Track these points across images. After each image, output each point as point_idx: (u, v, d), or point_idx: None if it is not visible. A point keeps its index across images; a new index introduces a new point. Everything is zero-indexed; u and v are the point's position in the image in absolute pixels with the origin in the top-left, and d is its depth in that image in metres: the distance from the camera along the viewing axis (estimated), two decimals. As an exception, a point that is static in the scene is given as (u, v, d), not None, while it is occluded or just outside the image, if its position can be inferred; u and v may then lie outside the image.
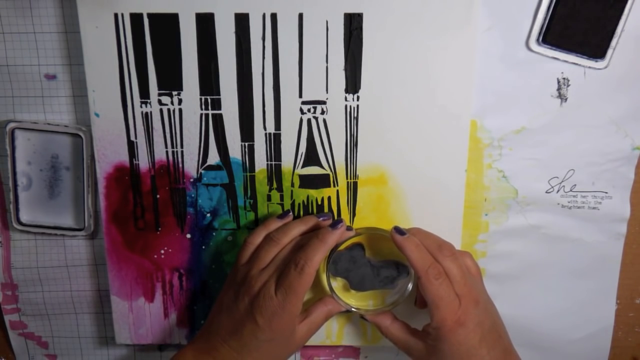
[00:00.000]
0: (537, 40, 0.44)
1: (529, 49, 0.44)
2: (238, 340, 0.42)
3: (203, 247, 0.49)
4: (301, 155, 0.47)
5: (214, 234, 0.49)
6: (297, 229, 0.45)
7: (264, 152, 0.47)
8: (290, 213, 0.47)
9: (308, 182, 0.48)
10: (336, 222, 0.44)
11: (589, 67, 0.45)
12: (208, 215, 0.48)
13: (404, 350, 0.44)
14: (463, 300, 0.41)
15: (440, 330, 0.41)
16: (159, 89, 0.45)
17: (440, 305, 0.40)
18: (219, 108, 0.46)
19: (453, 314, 0.40)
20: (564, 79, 0.45)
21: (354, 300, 0.47)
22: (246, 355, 0.42)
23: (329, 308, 0.45)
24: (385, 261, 0.47)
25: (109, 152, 0.47)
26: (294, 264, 0.41)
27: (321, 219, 0.46)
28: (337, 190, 0.48)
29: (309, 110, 0.46)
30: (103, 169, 0.47)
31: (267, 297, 0.41)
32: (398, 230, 0.43)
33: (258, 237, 0.45)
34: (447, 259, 0.42)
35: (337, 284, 0.47)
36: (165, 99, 0.46)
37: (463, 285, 0.41)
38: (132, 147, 0.47)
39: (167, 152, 0.47)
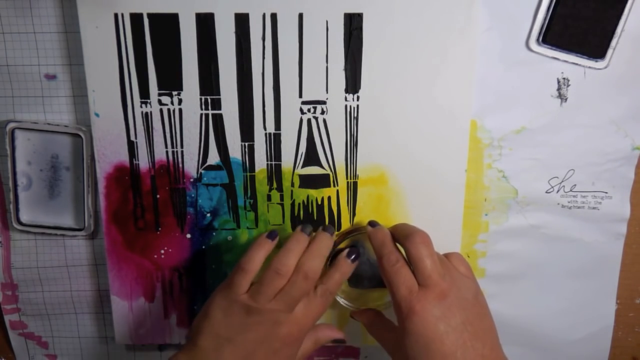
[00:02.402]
0: (537, 40, 0.44)
1: (529, 49, 0.44)
2: None
3: (203, 247, 0.49)
4: (301, 155, 0.47)
5: (214, 234, 0.49)
6: (297, 254, 0.43)
7: (264, 152, 0.47)
8: (276, 232, 0.44)
9: (308, 182, 0.48)
10: (328, 228, 0.44)
11: (589, 67, 0.45)
12: (208, 215, 0.48)
13: (383, 346, 0.44)
14: (422, 289, 0.39)
15: (399, 320, 0.40)
16: (159, 89, 0.45)
17: (393, 290, 0.40)
18: (219, 108, 0.46)
19: (406, 301, 0.39)
20: (564, 79, 0.45)
21: (353, 299, 0.47)
22: None
23: (318, 336, 0.46)
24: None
25: (109, 152, 0.47)
26: (314, 291, 0.42)
27: (307, 231, 0.44)
28: (337, 190, 0.48)
29: (309, 110, 0.46)
30: (103, 169, 0.47)
31: (286, 321, 0.41)
32: (371, 223, 0.45)
33: (254, 263, 0.42)
34: (416, 246, 0.40)
35: None
36: (165, 99, 0.46)
37: (427, 275, 0.39)
38: (132, 147, 0.47)
39: (167, 152, 0.47)
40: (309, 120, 0.46)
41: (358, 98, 0.45)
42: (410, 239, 0.41)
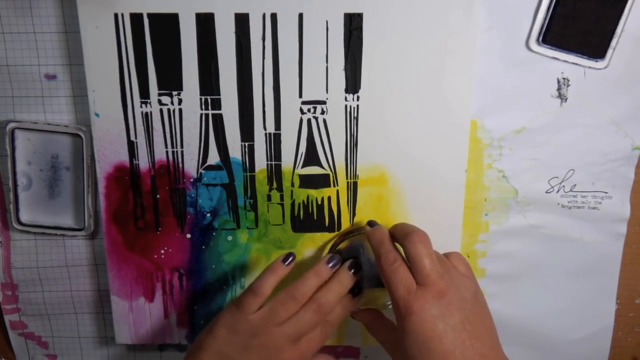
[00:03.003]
0: (537, 40, 0.44)
1: (529, 49, 0.44)
2: None
3: (203, 247, 0.49)
4: (301, 155, 0.47)
5: (214, 234, 0.49)
6: (315, 286, 0.43)
7: (264, 152, 0.47)
8: (293, 257, 0.44)
9: (308, 182, 0.48)
10: (353, 265, 0.44)
11: (589, 67, 0.45)
12: (208, 215, 0.48)
13: (382, 346, 0.44)
14: (420, 288, 0.39)
15: (397, 319, 0.40)
16: (159, 89, 0.45)
17: (392, 290, 0.40)
18: (219, 108, 0.46)
19: (404, 300, 0.39)
20: (564, 79, 0.45)
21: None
22: None
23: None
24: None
25: (109, 152, 0.47)
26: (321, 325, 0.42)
27: (331, 264, 0.44)
28: (337, 190, 0.48)
29: (309, 110, 0.46)
30: (103, 169, 0.47)
31: (290, 349, 0.41)
32: (370, 223, 0.45)
33: (266, 287, 0.42)
34: (414, 246, 0.40)
35: None
36: (165, 99, 0.46)
37: (426, 275, 0.39)
38: (132, 147, 0.47)
39: (167, 152, 0.47)
40: (309, 120, 0.46)
41: (358, 98, 0.45)
42: (408, 238, 0.41)
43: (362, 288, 0.45)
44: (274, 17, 0.44)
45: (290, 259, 0.44)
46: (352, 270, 0.43)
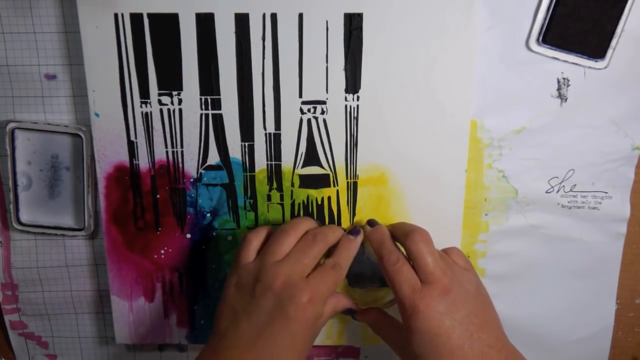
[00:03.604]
0: (537, 40, 0.44)
1: (529, 49, 0.44)
2: (267, 342, 0.38)
3: (203, 247, 0.49)
4: (301, 155, 0.47)
5: (214, 234, 0.49)
6: (307, 224, 0.44)
7: (264, 152, 0.47)
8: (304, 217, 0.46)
9: (308, 182, 0.48)
10: (355, 231, 0.44)
11: (589, 67, 0.45)
12: (208, 215, 0.48)
13: (389, 345, 0.44)
14: (425, 286, 0.39)
15: (403, 318, 0.40)
16: (159, 89, 0.45)
17: (396, 290, 0.40)
18: (219, 108, 0.46)
19: (409, 299, 0.39)
20: (564, 79, 0.45)
21: (354, 298, 0.47)
22: (279, 356, 0.39)
23: (338, 301, 0.45)
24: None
25: (109, 152, 0.47)
26: (324, 263, 0.42)
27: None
28: (337, 190, 0.48)
29: (309, 110, 0.46)
30: (103, 169, 0.47)
31: (298, 284, 0.39)
32: (370, 222, 0.45)
33: (261, 234, 0.43)
34: (416, 244, 0.40)
35: None
36: (165, 99, 0.46)
37: (429, 272, 0.39)
38: (132, 147, 0.47)
39: (167, 152, 0.47)
40: (309, 120, 0.46)
41: (358, 98, 0.45)
42: (410, 237, 0.41)
43: (360, 231, 0.45)
44: (274, 17, 0.44)
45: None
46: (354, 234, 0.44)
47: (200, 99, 0.46)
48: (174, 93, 0.45)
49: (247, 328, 0.39)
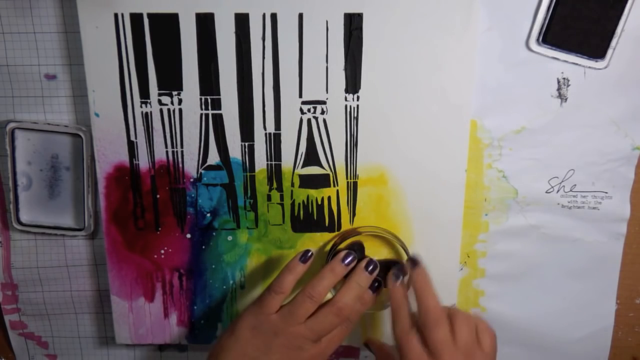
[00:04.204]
0: (537, 40, 0.44)
1: (529, 49, 0.44)
2: None
3: (203, 247, 0.49)
4: (301, 155, 0.47)
5: (214, 234, 0.49)
6: (331, 284, 0.43)
7: (264, 152, 0.47)
8: (312, 253, 0.44)
9: (308, 182, 0.48)
10: (369, 264, 0.44)
11: (589, 67, 0.45)
12: (208, 215, 0.48)
13: None
14: None
15: None
16: (159, 89, 0.45)
17: (402, 356, 0.40)
18: (219, 108, 0.46)
19: None
20: (564, 79, 0.45)
21: None
22: None
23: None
24: (385, 261, 0.46)
25: (109, 152, 0.47)
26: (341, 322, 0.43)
27: (346, 261, 0.43)
28: (337, 190, 0.48)
29: (309, 110, 0.46)
30: (103, 169, 0.47)
31: (311, 349, 0.42)
32: (412, 259, 0.43)
33: (286, 284, 0.42)
34: (435, 331, 0.40)
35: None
36: (165, 99, 0.46)
37: (438, 355, 0.39)
38: (132, 147, 0.47)
39: (167, 152, 0.47)
40: (309, 120, 0.46)
41: (358, 98, 0.45)
42: (428, 327, 0.40)
43: (381, 283, 0.45)
44: (274, 17, 0.44)
45: (308, 254, 0.44)
46: (369, 269, 0.43)
47: (200, 99, 0.46)
48: (174, 93, 0.45)
49: None
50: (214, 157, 0.47)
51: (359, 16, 0.43)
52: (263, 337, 0.42)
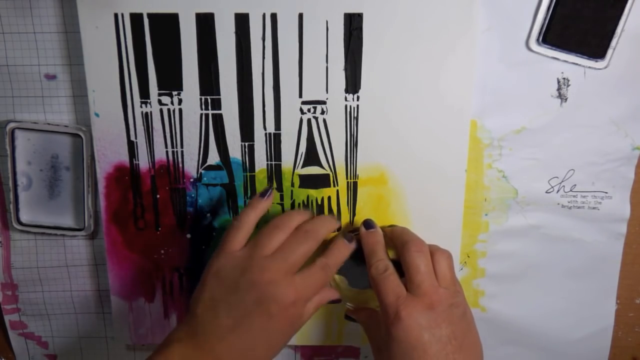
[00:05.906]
0: (537, 40, 0.44)
1: (529, 49, 0.44)
2: (242, 335, 0.38)
3: (203, 247, 0.49)
4: (301, 155, 0.47)
5: (214, 234, 0.49)
6: (299, 218, 0.43)
7: (264, 152, 0.47)
8: (271, 190, 0.44)
9: (308, 182, 0.48)
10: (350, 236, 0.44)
11: (589, 67, 0.45)
12: (208, 215, 0.48)
13: (371, 346, 0.44)
14: (410, 297, 0.39)
15: (385, 325, 0.40)
16: (159, 89, 0.45)
17: (381, 297, 0.40)
18: (219, 108, 0.46)
19: (393, 306, 0.39)
20: (564, 79, 0.45)
21: (352, 299, 0.47)
22: (253, 350, 0.39)
23: (320, 296, 0.44)
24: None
25: (109, 152, 0.47)
26: (314, 263, 0.41)
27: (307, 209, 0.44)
28: (337, 190, 0.48)
29: (309, 110, 0.46)
30: (103, 169, 0.47)
31: (284, 284, 0.39)
32: (365, 223, 0.45)
33: (247, 219, 0.42)
34: (410, 255, 0.41)
35: (335, 281, 0.47)
36: (165, 99, 0.46)
37: (417, 285, 0.40)
38: (132, 147, 0.47)
39: (167, 152, 0.47)
40: (309, 120, 0.46)
41: (358, 98, 0.45)
42: (406, 246, 0.41)
43: (353, 238, 0.44)
44: (274, 17, 0.44)
45: (269, 192, 0.43)
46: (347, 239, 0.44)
47: (200, 99, 0.46)
48: (174, 93, 0.45)
49: (225, 319, 0.39)
50: (214, 157, 0.47)
51: (359, 16, 0.43)
52: (229, 277, 0.40)
